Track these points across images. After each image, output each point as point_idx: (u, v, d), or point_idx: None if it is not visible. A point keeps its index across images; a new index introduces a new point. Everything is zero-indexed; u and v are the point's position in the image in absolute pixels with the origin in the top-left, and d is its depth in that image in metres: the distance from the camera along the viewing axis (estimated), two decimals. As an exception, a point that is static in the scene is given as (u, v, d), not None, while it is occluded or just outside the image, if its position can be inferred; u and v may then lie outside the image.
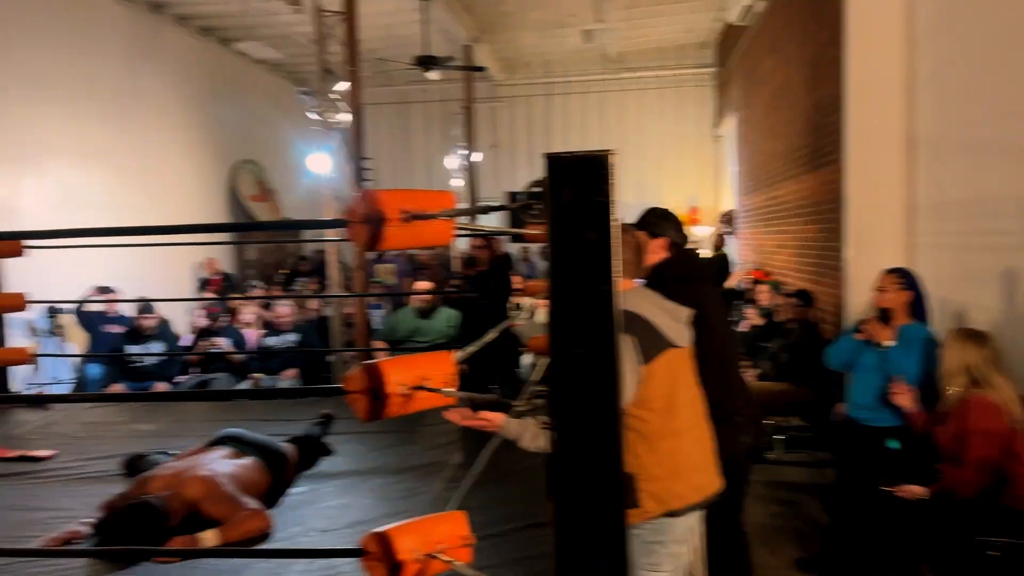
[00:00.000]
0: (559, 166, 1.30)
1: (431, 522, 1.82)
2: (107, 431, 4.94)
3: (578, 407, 1.31)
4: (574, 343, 1.30)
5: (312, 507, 3.39)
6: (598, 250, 1.28)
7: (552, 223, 1.32)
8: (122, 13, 9.07)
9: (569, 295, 1.31)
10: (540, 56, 13.85)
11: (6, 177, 7.25)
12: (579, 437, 1.31)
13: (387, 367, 1.74)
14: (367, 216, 1.72)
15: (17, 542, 3.06)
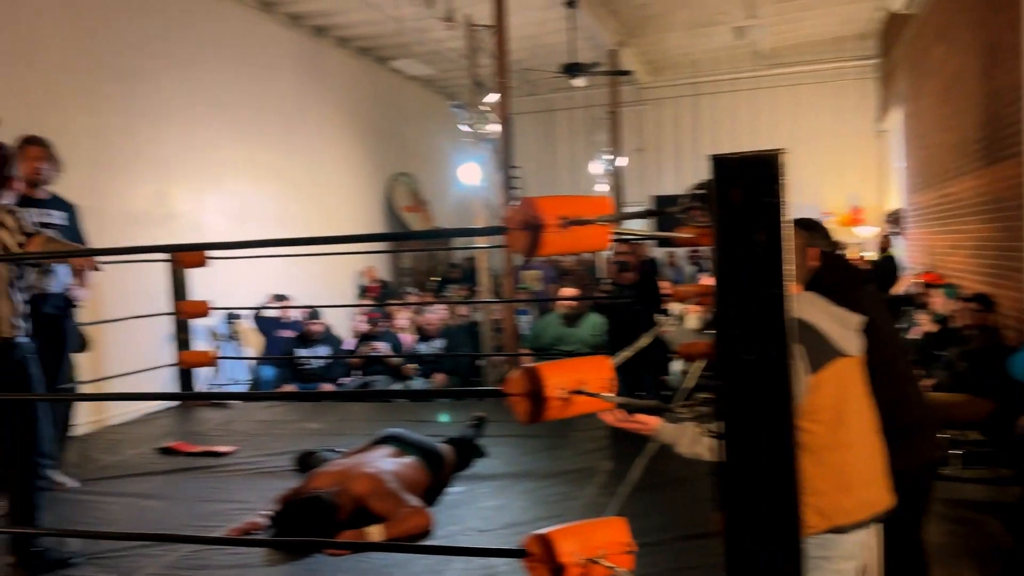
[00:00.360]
0: (726, 167, 1.27)
1: (592, 527, 1.83)
2: (280, 429, 5.29)
3: (749, 415, 1.27)
4: (744, 349, 1.26)
5: (469, 507, 3.48)
6: (768, 253, 1.24)
7: (719, 226, 1.29)
8: (291, 38, 9.73)
9: (738, 300, 1.27)
10: (687, 56, 13.58)
11: (192, 194, 7.95)
12: (750, 446, 1.27)
13: (547, 371, 1.77)
14: (526, 223, 1.76)
15: (205, 531, 3.33)
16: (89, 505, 3.74)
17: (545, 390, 1.74)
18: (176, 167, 7.69)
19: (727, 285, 1.28)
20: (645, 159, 14.16)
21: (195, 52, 7.96)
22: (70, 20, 6.46)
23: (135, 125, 7.18)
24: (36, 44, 6.14)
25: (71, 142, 6.47)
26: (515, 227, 1.76)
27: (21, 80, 5.97)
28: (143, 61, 7.26)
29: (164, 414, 5.93)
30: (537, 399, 1.75)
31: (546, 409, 1.76)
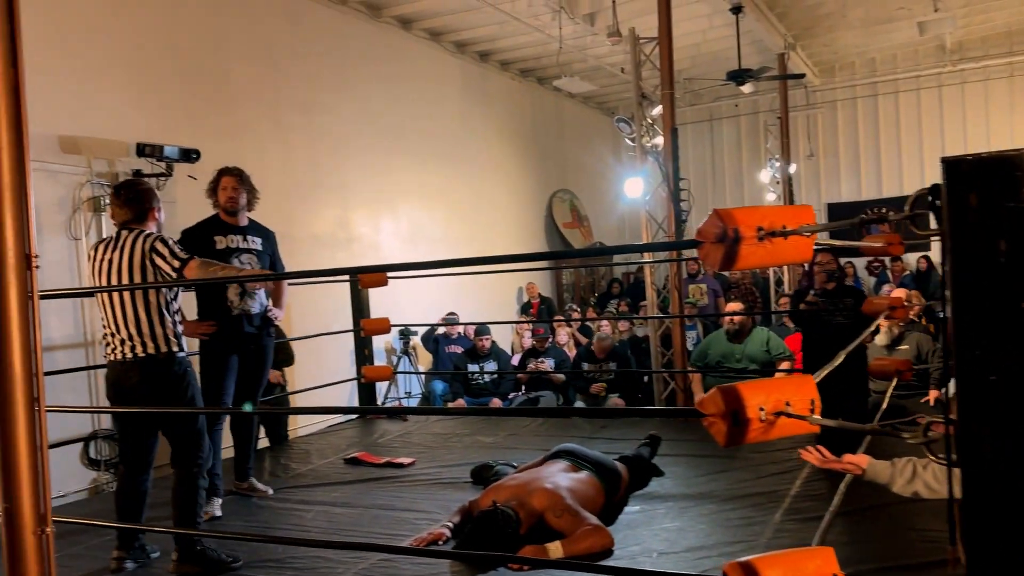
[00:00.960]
0: (961, 170, 1.16)
1: (798, 556, 1.73)
2: (455, 442, 5.45)
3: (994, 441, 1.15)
4: (987, 369, 1.15)
5: (648, 528, 3.41)
6: (1012, 262, 1.12)
7: (954, 234, 1.18)
8: (457, 64, 10.09)
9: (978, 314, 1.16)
10: (863, 55, 12.83)
11: (369, 218, 8.40)
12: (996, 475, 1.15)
13: (746, 390, 1.69)
14: (721, 235, 1.70)
15: (391, 540, 3.47)
16: (286, 512, 4.00)
17: (745, 411, 1.67)
18: (355, 193, 8.15)
19: (965, 299, 1.17)
20: (818, 165, 13.47)
21: (369, 83, 8.42)
22: (261, 61, 7.03)
23: (318, 155, 7.68)
24: (233, 85, 6.72)
25: (264, 173, 7.02)
26: (709, 240, 1.71)
27: (222, 118, 6.55)
28: (323, 95, 7.77)
29: (348, 425, 6.27)
30: (737, 421, 1.68)
31: (747, 431, 1.68)
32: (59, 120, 5.11)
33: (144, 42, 5.87)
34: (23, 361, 1.74)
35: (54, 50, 5.07)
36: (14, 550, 1.71)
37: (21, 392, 1.74)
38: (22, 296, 1.73)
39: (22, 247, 1.74)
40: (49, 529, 1.74)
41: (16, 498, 1.72)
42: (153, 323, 3.29)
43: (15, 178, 1.73)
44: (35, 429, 1.76)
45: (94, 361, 5.17)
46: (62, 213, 5.15)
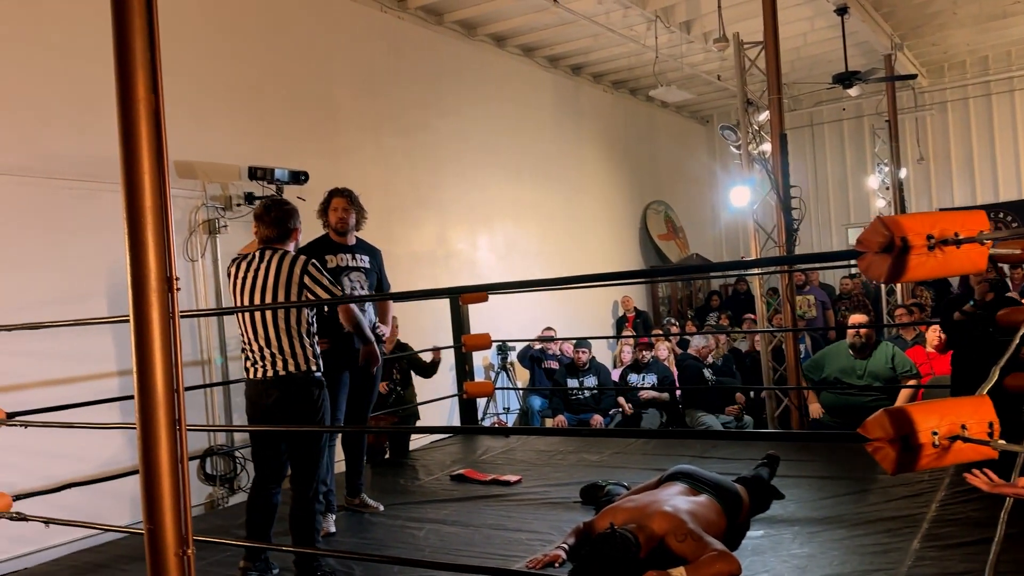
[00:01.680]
0: None
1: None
2: (560, 459, 5.36)
3: None
4: None
5: (775, 554, 3.24)
6: None
7: None
8: (550, 79, 10.08)
9: None
10: (974, 53, 12.15)
11: (466, 234, 8.44)
12: None
13: (918, 413, 1.56)
14: (887, 244, 1.57)
15: (506, 560, 3.41)
16: (397, 530, 3.99)
17: (917, 436, 1.53)
18: (452, 210, 8.21)
19: None
20: (928, 170, 12.81)
21: (465, 101, 8.48)
22: (362, 84, 7.17)
23: (417, 174, 7.78)
24: (337, 108, 6.87)
25: (367, 193, 7.10)
26: (873, 249, 1.58)
27: (327, 141, 6.71)
28: (421, 115, 7.87)
29: (450, 441, 6.27)
30: (908, 446, 1.54)
31: (919, 458, 1.54)
32: (175, 145, 5.21)
33: (253, 68, 6.07)
34: (165, 381, 1.76)
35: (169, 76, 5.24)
36: (158, 572, 1.72)
37: (163, 411, 1.75)
38: (164, 317, 1.75)
39: (163, 270, 1.76)
40: (190, 550, 1.75)
41: (159, 519, 1.74)
42: (294, 343, 3.34)
43: (157, 202, 1.76)
44: (176, 448, 1.77)
45: (210, 379, 5.34)
46: (179, 235, 5.35)
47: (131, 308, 1.75)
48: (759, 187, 6.34)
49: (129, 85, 1.75)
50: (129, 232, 1.75)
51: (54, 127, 4.63)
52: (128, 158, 1.75)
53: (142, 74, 1.76)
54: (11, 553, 3.95)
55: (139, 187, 1.75)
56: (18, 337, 3.84)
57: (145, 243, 1.74)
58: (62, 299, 4.42)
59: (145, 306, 1.74)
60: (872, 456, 1.62)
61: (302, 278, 3.36)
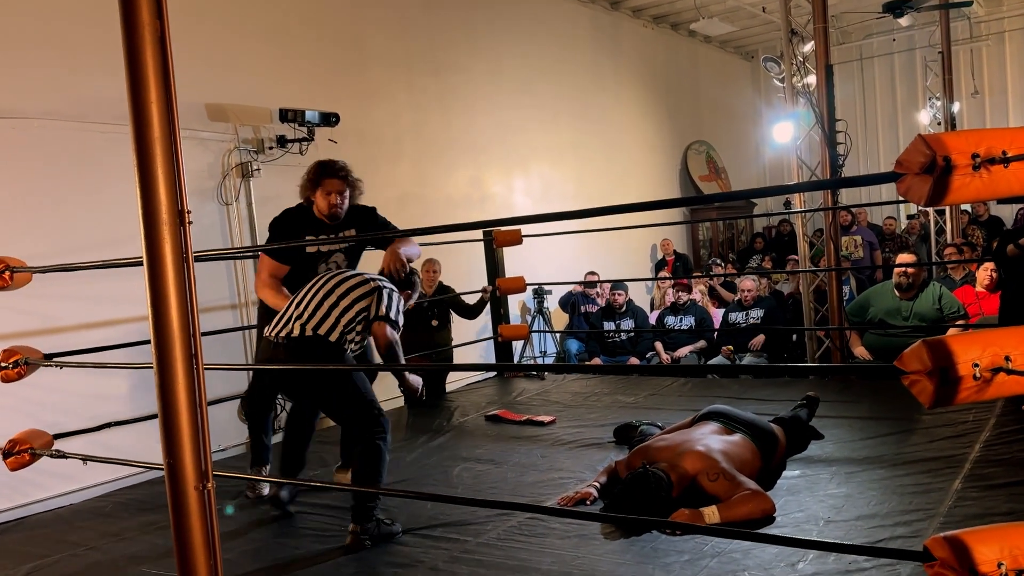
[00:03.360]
0: None
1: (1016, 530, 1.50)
2: (594, 401, 5.34)
3: None
4: None
5: (811, 494, 3.18)
6: None
7: None
8: (587, 14, 9.78)
9: None
10: (1037, -22, 11.50)
11: (503, 177, 8.34)
12: None
13: (957, 344, 1.47)
14: (928, 164, 1.46)
15: (537, 498, 3.41)
16: (432, 468, 4.02)
17: (956, 368, 1.45)
18: (487, 152, 8.09)
19: None
20: (983, 104, 12.26)
21: (498, 40, 8.28)
22: (393, 23, 7.03)
23: (450, 116, 7.66)
24: (367, 49, 6.76)
25: (398, 135, 7.09)
26: (913, 170, 1.47)
27: (357, 82, 6.62)
28: (454, 55, 7.71)
29: (486, 383, 6.28)
30: (946, 379, 1.46)
31: (958, 391, 1.46)
32: (206, 88, 5.28)
33: (283, 9, 5.98)
34: (180, 319, 1.74)
35: (198, 19, 5.22)
36: (178, 505, 1.74)
37: (180, 350, 1.74)
38: (177, 253, 1.73)
39: (175, 204, 1.73)
40: (210, 484, 1.76)
41: (178, 454, 1.74)
42: (338, 325, 3.20)
43: (165, 132, 1.72)
44: (194, 386, 1.77)
45: (247, 322, 5.39)
46: (212, 179, 5.36)
47: (143, 245, 1.72)
48: (803, 122, 6.10)
49: (133, 10, 1.69)
50: (138, 165, 1.72)
51: (85, 70, 4.62)
52: (134, 87, 1.70)
53: (146, 0, 1.70)
54: (55, 491, 4.09)
55: (146, 117, 1.71)
56: (55, 281, 3.90)
57: (155, 176, 1.71)
58: (99, 243, 4.46)
59: (158, 242, 1.72)
60: (910, 391, 1.55)
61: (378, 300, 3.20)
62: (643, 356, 7.17)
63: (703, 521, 2.80)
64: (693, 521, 2.79)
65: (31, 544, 3.40)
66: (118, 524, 3.54)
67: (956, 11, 10.15)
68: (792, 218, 8.21)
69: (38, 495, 4.07)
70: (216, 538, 1.76)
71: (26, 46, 4.44)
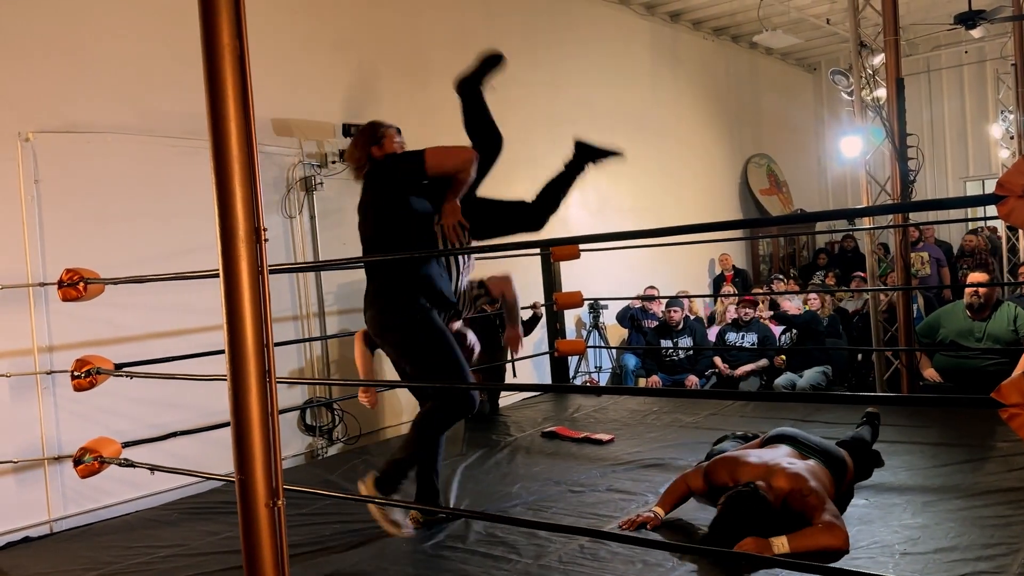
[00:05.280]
0: None
1: None
2: (653, 420, 5.25)
3: None
4: None
5: (884, 523, 3.06)
6: None
7: None
8: (647, 27, 9.72)
9: None
10: (1119, -15, 11.02)
11: (558, 190, 8.29)
12: None
13: (1064, 377, 1.38)
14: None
15: (598, 520, 3.35)
16: (491, 485, 3.99)
17: (1063, 401, 1.37)
18: (544, 166, 7.91)
19: None
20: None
21: (558, 53, 8.28)
22: (454, 39, 7.07)
23: (509, 130, 7.48)
24: (429, 65, 6.81)
25: (459, 149, 7.12)
26: (1016, 192, 1.40)
27: (418, 98, 6.66)
28: (514, 68, 7.60)
29: (542, 399, 6.24)
30: (1052, 413, 1.37)
31: (1066, 426, 1.38)
32: (272, 103, 5.39)
33: (346, 25, 6.07)
34: (255, 333, 1.75)
35: (264, 35, 5.32)
36: (248, 522, 1.74)
37: (254, 364, 1.75)
38: (253, 269, 1.74)
39: (252, 221, 1.74)
40: (281, 502, 1.76)
41: (250, 470, 1.75)
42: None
43: (243, 152, 1.73)
44: (267, 401, 1.77)
45: (308, 334, 5.46)
46: (277, 193, 5.45)
47: (220, 260, 1.74)
48: (871, 136, 5.93)
49: (213, 32, 1.72)
50: (217, 183, 1.74)
51: (157, 86, 4.76)
52: (214, 106, 1.73)
53: (226, 20, 1.72)
54: (122, 497, 4.18)
55: (226, 136, 1.73)
56: (126, 291, 4.00)
57: (233, 193, 1.73)
58: (169, 254, 4.57)
59: (234, 258, 1.73)
60: (1007, 423, 1.46)
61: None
62: (702, 374, 7.04)
63: (771, 551, 2.70)
64: (761, 551, 2.69)
65: (97, 550, 3.47)
66: (182, 533, 3.60)
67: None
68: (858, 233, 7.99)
69: (105, 501, 4.17)
70: (285, 556, 1.76)
71: (99, 62, 4.58)
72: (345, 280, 5.87)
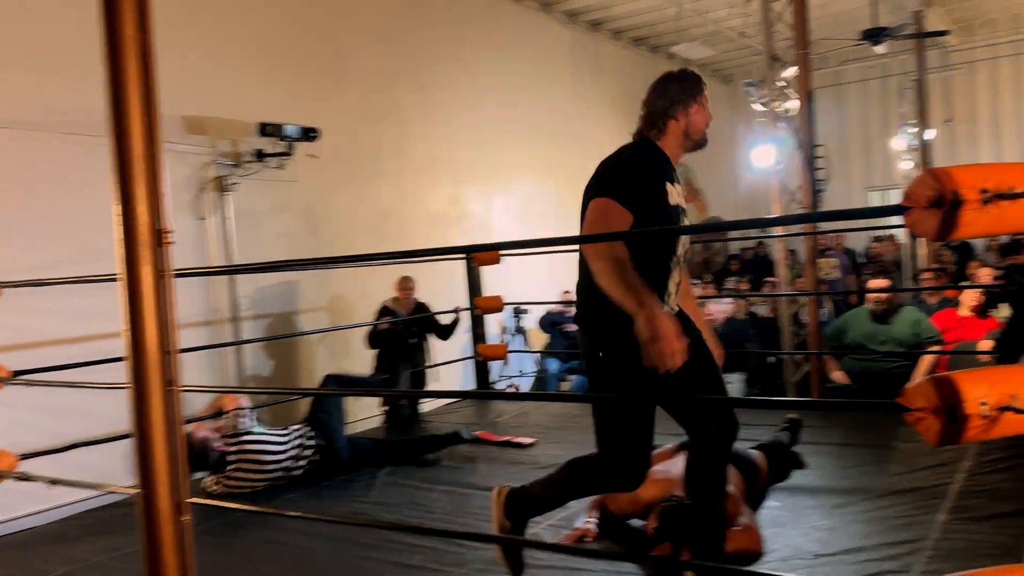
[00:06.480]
0: None
1: None
2: (574, 422, 5.27)
3: None
4: None
5: (796, 526, 3.14)
6: None
7: None
8: (568, 35, 9.82)
9: None
10: (1006, 11, 11.76)
11: (481, 195, 8.30)
12: None
13: (965, 382, 1.43)
14: (936, 199, 1.43)
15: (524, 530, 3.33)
16: (409, 492, 3.92)
17: (964, 406, 1.42)
18: (467, 170, 8.05)
19: None
20: (955, 132, 12.46)
21: (482, 56, 8.28)
22: (376, 39, 6.99)
23: (432, 132, 7.61)
24: (350, 64, 6.71)
25: (379, 152, 7.04)
26: (921, 204, 1.44)
27: (338, 99, 6.56)
28: (437, 71, 7.68)
29: (464, 403, 6.20)
30: (953, 417, 1.42)
31: (965, 429, 1.43)
32: (184, 101, 5.19)
33: (264, 22, 5.92)
34: (157, 340, 1.66)
35: (178, 31, 5.13)
36: (152, 539, 1.65)
37: (156, 372, 1.67)
38: (155, 273, 1.65)
39: (155, 223, 1.66)
40: (186, 518, 1.67)
41: (153, 484, 1.66)
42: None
43: (147, 150, 1.65)
44: (170, 410, 1.69)
45: (221, 339, 5.28)
46: (188, 192, 5.25)
47: (121, 263, 1.65)
48: (783, 146, 6.13)
49: (116, 25, 1.63)
50: (118, 181, 1.65)
51: (62, 80, 4.52)
52: (116, 103, 1.64)
53: (130, 12, 1.63)
54: (20, 511, 3.94)
55: (128, 134, 1.64)
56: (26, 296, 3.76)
57: (134, 194, 1.64)
58: (76, 257, 4.34)
59: (135, 261, 1.65)
60: (912, 427, 1.51)
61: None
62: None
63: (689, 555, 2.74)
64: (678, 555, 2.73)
65: (-9, 569, 3.26)
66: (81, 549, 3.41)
67: (931, 40, 10.34)
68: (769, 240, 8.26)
69: (1, 516, 3.92)
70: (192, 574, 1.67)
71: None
72: (263, 284, 5.71)
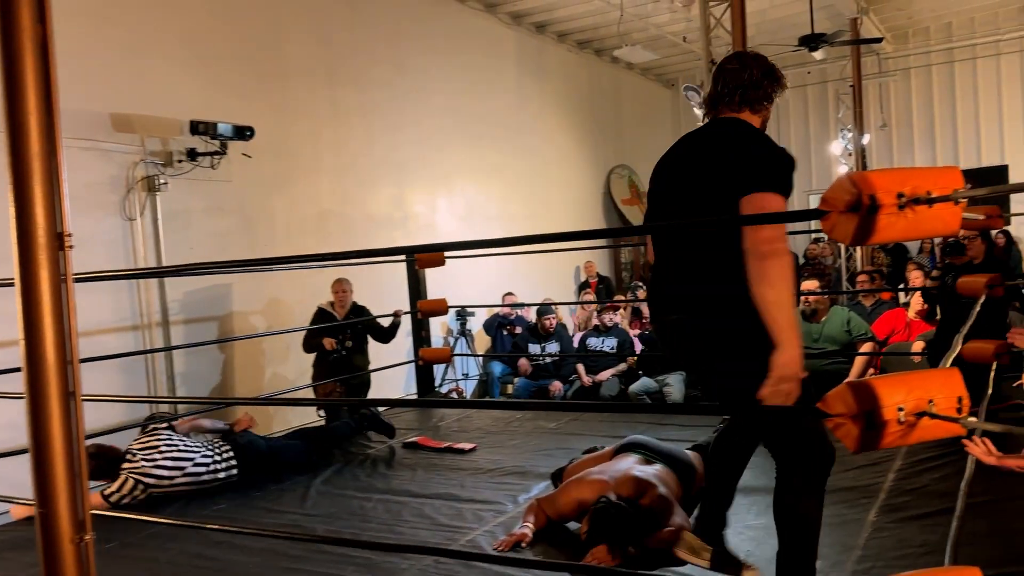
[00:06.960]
0: None
1: None
2: (516, 427, 5.25)
3: None
4: None
5: (730, 526, 3.15)
6: None
7: None
8: (512, 37, 9.81)
9: None
10: (938, 19, 12.14)
11: (425, 196, 8.22)
12: None
13: (883, 387, 1.44)
14: (853, 203, 1.43)
15: (455, 532, 3.29)
16: (345, 501, 3.84)
17: (881, 411, 1.42)
18: (410, 171, 7.97)
19: None
20: (891, 136, 12.82)
21: (424, 57, 8.21)
22: (315, 36, 6.87)
23: (374, 133, 7.51)
24: (287, 61, 6.57)
25: (318, 152, 6.91)
26: (838, 208, 1.44)
27: (276, 95, 6.42)
28: (378, 70, 7.58)
29: (405, 408, 6.11)
30: (871, 423, 1.42)
31: (883, 435, 1.43)
32: (112, 98, 5.02)
33: (197, 17, 5.75)
34: (56, 348, 1.57)
35: (105, 26, 4.96)
36: (51, 560, 1.55)
37: (55, 383, 1.57)
38: (54, 278, 1.56)
39: (53, 225, 1.56)
40: (88, 536, 1.58)
41: (52, 502, 1.56)
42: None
43: (44, 147, 1.55)
44: (70, 423, 1.59)
45: (149, 345, 5.11)
46: (115, 193, 5.07)
47: (16, 269, 1.55)
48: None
49: (10, 14, 1.53)
50: (13, 183, 1.55)
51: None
52: (11, 97, 1.53)
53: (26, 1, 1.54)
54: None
55: (24, 131, 1.54)
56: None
57: (31, 195, 1.54)
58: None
59: (32, 266, 1.55)
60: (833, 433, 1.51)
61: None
62: (566, 380, 7.13)
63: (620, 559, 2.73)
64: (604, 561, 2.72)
65: None
66: None
67: (866, 47, 10.62)
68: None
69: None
70: (93, 597, 1.58)
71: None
72: (196, 287, 5.54)
